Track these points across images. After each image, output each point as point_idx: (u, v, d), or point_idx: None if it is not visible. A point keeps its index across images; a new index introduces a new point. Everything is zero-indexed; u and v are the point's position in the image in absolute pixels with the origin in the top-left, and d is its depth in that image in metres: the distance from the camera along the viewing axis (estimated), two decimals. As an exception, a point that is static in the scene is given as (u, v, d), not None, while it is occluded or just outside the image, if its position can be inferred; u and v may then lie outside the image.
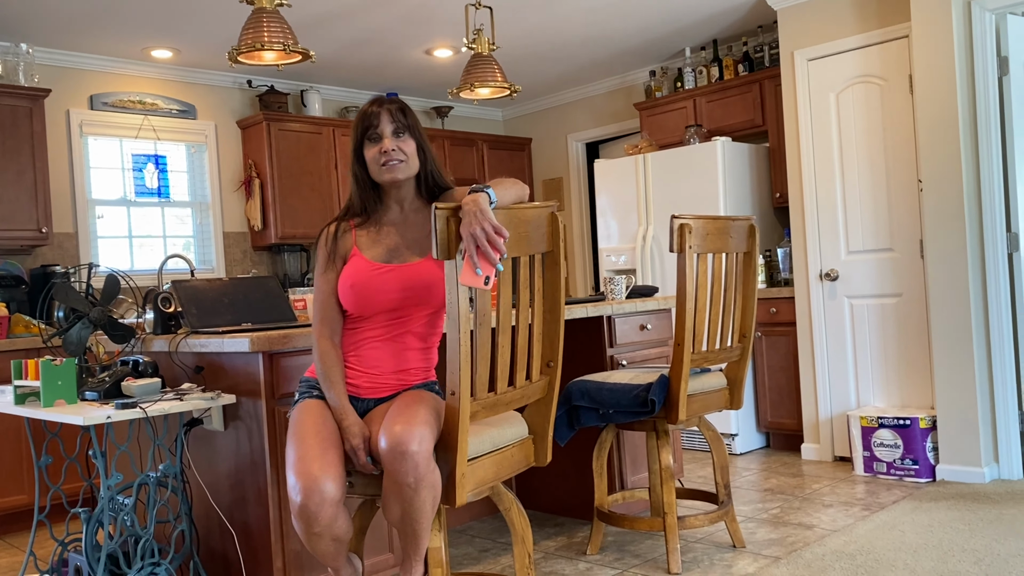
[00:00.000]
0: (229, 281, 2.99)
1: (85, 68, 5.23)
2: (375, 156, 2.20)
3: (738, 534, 3.22)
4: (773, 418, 4.92)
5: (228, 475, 2.68)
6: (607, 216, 5.55)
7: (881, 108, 4.37)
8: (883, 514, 3.51)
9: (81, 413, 2.35)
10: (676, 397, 2.90)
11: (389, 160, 2.19)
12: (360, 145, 2.23)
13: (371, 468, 2.07)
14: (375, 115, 2.20)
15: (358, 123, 2.23)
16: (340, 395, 2.13)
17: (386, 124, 2.20)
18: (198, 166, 5.76)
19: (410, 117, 2.25)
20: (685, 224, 2.83)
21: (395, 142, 2.20)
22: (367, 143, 2.22)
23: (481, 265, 1.89)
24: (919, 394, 4.30)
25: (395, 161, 2.19)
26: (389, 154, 2.18)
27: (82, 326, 2.69)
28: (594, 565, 3.12)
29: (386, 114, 2.21)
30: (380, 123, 2.20)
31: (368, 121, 2.21)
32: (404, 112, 2.23)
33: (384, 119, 2.20)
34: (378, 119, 2.20)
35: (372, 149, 2.21)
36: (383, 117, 2.20)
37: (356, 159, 2.25)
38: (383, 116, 2.20)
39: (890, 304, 4.38)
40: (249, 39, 3.29)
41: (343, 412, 2.10)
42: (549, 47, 5.66)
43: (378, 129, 2.20)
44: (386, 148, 2.18)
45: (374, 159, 2.20)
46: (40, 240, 4.71)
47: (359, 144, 2.23)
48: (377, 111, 2.21)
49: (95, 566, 2.53)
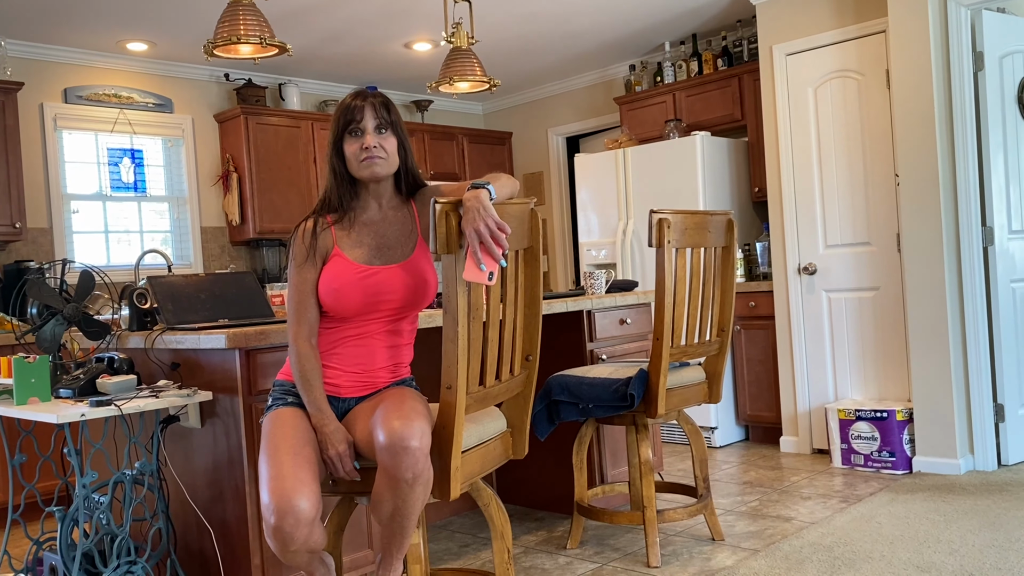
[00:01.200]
0: (206, 277, 2.96)
1: (59, 61, 5.17)
2: (355, 151, 2.16)
3: (717, 527, 3.24)
4: (752, 411, 4.95)
5: (205, 472, 2.66)
6: (587, 210, 5.55)
7: (858, 103, 4.40)
8: (860, 506, 3.54)
9: (55, 411, 2.32)
10: (655, 391, 2.91)
11: (370, 157, 2.14)
12: (340, 138, 2.18)
13: (355, 475, 2.05)
14: (358, 109, 2.16)
15: (339, 115, 2.18)
16: (320, 399, 2.09)
17: (369, 119, 2.16)
18: (175, 160, 5.70)
19: (393, 113, 2.21)
20: (664, 219, 2.83)
21: (377, 138, 2.15)
22: (348, 137, 2.17)
23: (485, 261, 1.89)
24: (896, 387, 4.34)
25: (376, 158, 2.15)
26: (370, 150, 2.14)
27: (56, 323, 2.65)
28: (574, 559, 3.13)
29: (369, 108, 2.16)
30: (363, 118, 2.15)
31: (350, 115, 2.16)
32: (388, 108, 2.19)
33: (367, 114, 2.16)
34: (361, 113, 2.15)
35: (353, 144, 2.16)
36: (366, 112, 2.16)
37: (335, 152, 2.20)
38: (366, 111, 2.16)
39: (867, 298, 4.42)
40: (225, 32, 3.25)
41: (324, 418, 2.06)
42: (528, 41, 5.65)
43: (360, 124, 2.15)
44: (368, 144, 2.14)
45: (354, 154, 2.16)
46: (14, 235, 4.65)
47: (339, 137, 2.18)
48: (360, 105, 2.16)
49: (70, 565, 2.51)
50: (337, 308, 2.14)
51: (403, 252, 2.21)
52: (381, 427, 1.90)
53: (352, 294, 2.12)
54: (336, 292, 2.13)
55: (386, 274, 2.16)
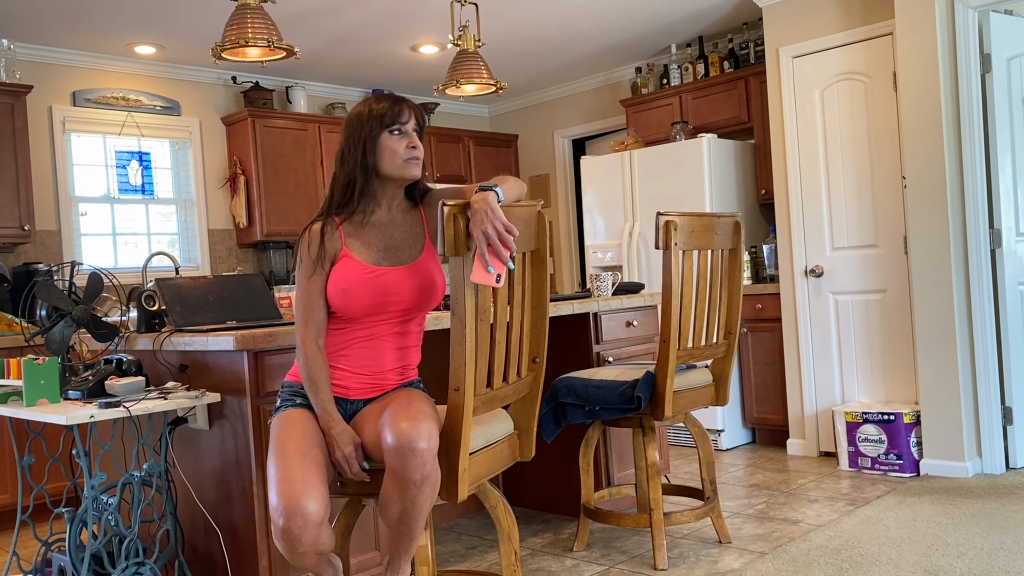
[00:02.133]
0: (214, 279, 2.97)
1: (68, 64, 5.19)
2: (401, 150, 2.18)
3: (724, 530, 3.24)
4: (759, 414, 4.95)
5: (213, 474, 2.67)
6: (593, 213, 5.55)
7: (865, 105, 4.39)
8: (867, 509, 3.54)
9: (64, 412, 2.33)
10: (662, 393, 2.91)
11: (415, 157, 2.20)
12: (377, 135, 2.18)
13: (364, 476, 2.05)
14: (402, 111, 2.20)
15: (380, 113, 2.19)
16: (327, 401, 2.10)
17: (412, 121, 2.22)
18: (182, 163, 5.72)
19: (425, 121, 2.29)
20: (671, 221, 2.83)
21: (417, 140, 2.23)
22: (389, 134, 2.19)
23: (492, 263, 1.90)
24: (903, 389, 4.33)
25: (419, 159, 2.21)
26: (417, 150, 2.20)
27: (65, 324, 2.67)
28: (580, 562, 3.13)
29: (411, 111, 2.22)
30: (408, 119, 2.21)
31: (395, 114, 2.19)
32: (422, 115, 2.28)
33: (411, 116, 2.22)
34: (406, 116, 2.20)
35: (398, 142, 2.19)
36: (410, 114, 2.22)
37: (369, 148, 2.18)
38: (410, 113, 2.22)
39: (874, 300, 4.41)
40: (233, 35, 3.27)
41: (331, 420, 2.07)
42: (535, 44, 5.66)
43: (406, 124, 2.20)
44: (415, 143, 2.20)
45: (398, 153, 2.18)
46: (22, 238, 4.67)
47: (377, 134, 2.18)
48: (402, 108, 2.21)
49: (79, 566, 2.52)
50: (345, 309, 2.15)
51: (411, 254, 2.22)
52: (389, 429, 1.91)
53: (360, 294, 2.13)
54: (345, 292, 2.13)
55: (394, 275, 2.17)
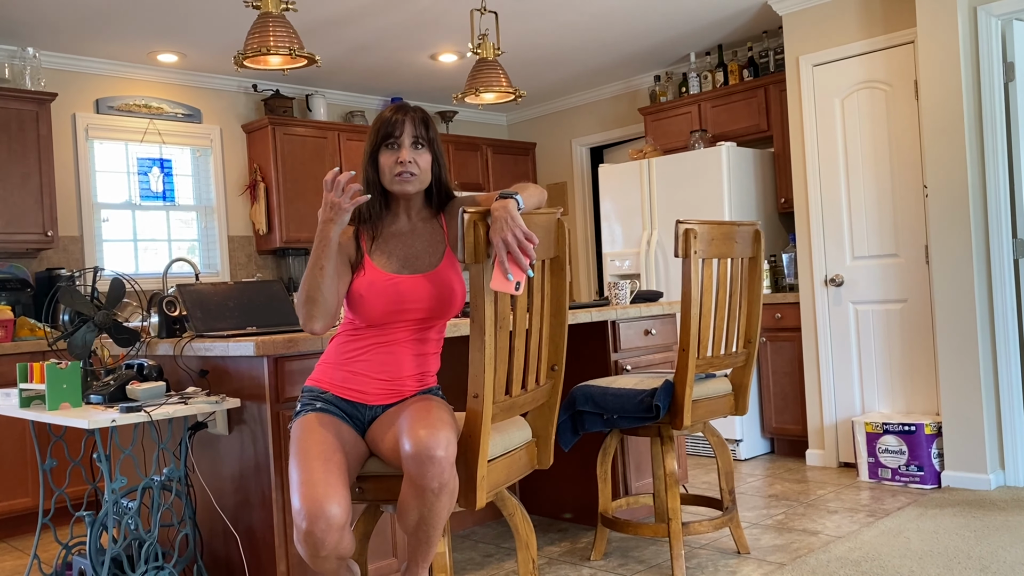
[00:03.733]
0: (234, 285, 2.99)
1: (91, 72, 5.25)
2: (391, 164, 2.18)
3: (742, 540, 3.21)
4: (778, 424, 4.91)
5: (232, 479, 2.68)
6: (611, 221, 5.55)
7: (886, 114, 4.37)
8: (888, 520, 3.50)
9: (86, 416, 2.35)
10: (681, 403, 2.90)
11: (403, 172, 2.17)
12: (376, 150, 2.21)
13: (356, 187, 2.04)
14: (398, 123, 2.18)
15: (378, 127, 2.20)
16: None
17: (407, 135, 2.18)
18: (203, 170, 5.77)
19: (432, 130, 2.23)
20: (690, 229, 2.82)
21: (412, 154, 2.18)
22: (384, 149, 2.19)
23: (512, 271, 1.90)
24: (924, 400, 4.29)
25: (408, 174, 2.18)
26: (405, 165, 2.17)
27: (87, 329, 2.69)
28: (598, 571, 3.12)
29: (409, 124, 2.19)
30: (402, 132, 2.18)
31: (390, 128, 2.18)
32: (426, 125, 2.22)
33: (407, 129, 2.18)
34: (401, 128, 2.18)
35: (389, 157, 2.19)
36: (406, 127, 2.18)
37: (370, 163, 2.22)
38: (406, 125, 2.18)
39: (895, 310, 4.37)
40: (255, 43, 3.29)
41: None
42: (554, 52, 5.67)
43: (399, 138, 2.18)
44: (403, 159, 2.17)
45: (389, 167, 2.19)
46: (46, 243, 4.72)
47: (376, 148, 2.21)
48: (401, 119, 2.19)
49: (99, 569, 2.53)
50: (361, 314, 2.16)
51: (430, 262, 2.22)
52: (407, 436, 1.91)
53: (375, 301, 2.14)
54: (361, 298, 2.15)
55: (411, 283, 2.17)
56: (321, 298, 2.07)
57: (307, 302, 2.08)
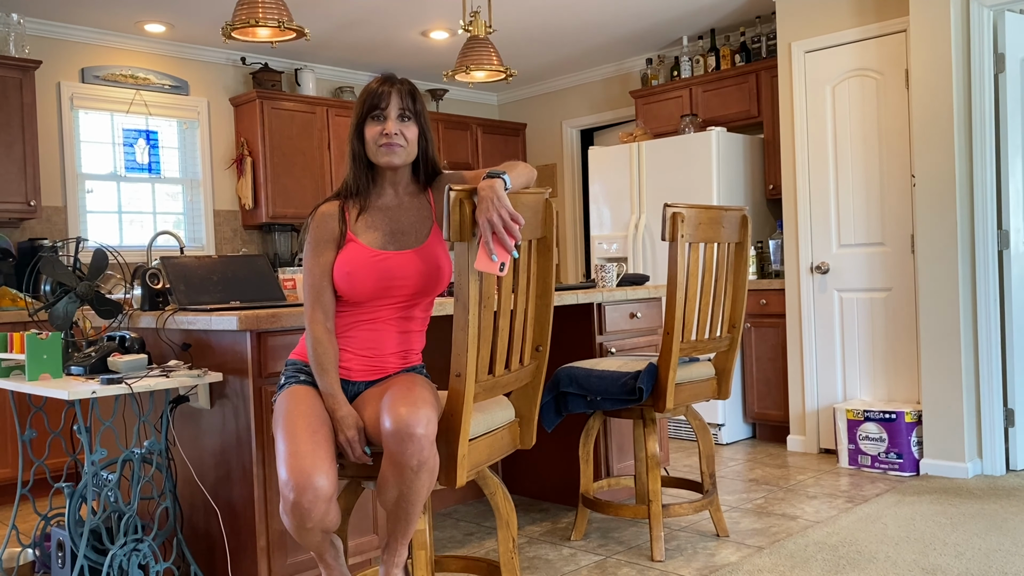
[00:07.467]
0: (218, 259, 2.97)
1: (77, 40, 5.18)
2: (375, 136, 2.15)
3: (722, 523, 3.24)
4: (760, 409, 4.94)
5: (213, 453, 2.67)
6: (600, 203, 5.54)
7: (876, 102, 4.37)
8: (866, 506, 3.53)
9: (66, 387, 2.33)
10: (664, 386, 2.91)
11: (389, 143, 2.14)
12: (362, 122, 2.18)
13: (366, 459, 2.05)
14: (384, 95, 2.15)
15: (364, 99, 2.17)
16: (333, 383, 2.09)
17: (393, 106, 2.15)
18: (190, 143, 5.71)
19: (418, 103, 2.20)
20: (678, 213, 2.82)
21: (398, 126, 2.15)
22: (370, 121, 2.16)
23: (497, 251, 1.88)
24: (905, 388, 4.32)
25: (396, 146, 2.15)
26: (390, 137, 2.14)
27: (69, 300, 2.67)
28: (578, 551, 3.13)
29: (395, 95, 2.15)
30: (388, 104, 2.15)
31: (375, 99, 2.15)
32: (413, 97, 2.18)
33: (393, 100, 2.15)
34: (387, 99, 2.15)
35: (374, 128, 2.15)
36: (392, 98, 2.15)
37: (356, 135, 2.19)
38: (392, 97, 2.15)
39: (879, 298, 4.40)
40: (243, 15, 3.25)
41: (336, 403, 2.07)
42: (546, 32, 5.63)
43: (385, 110, 2.15)
44: (388, 131, 2.13)
45: (374, 139, 2.16)
46: (29, 213, 4.68)
47: (361, 120, 2.18)
48: (387, 91, 2.15)
49: (78, 541, 2.52)
50: (350, 292, 2.14)
51: (417, 238, 2.21)
52: (388, 413, 1.91)
53: (365, 278, 2.13)
54: (349, 276, 2.13)
55: (399, 259, 2.16)
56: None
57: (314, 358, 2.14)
